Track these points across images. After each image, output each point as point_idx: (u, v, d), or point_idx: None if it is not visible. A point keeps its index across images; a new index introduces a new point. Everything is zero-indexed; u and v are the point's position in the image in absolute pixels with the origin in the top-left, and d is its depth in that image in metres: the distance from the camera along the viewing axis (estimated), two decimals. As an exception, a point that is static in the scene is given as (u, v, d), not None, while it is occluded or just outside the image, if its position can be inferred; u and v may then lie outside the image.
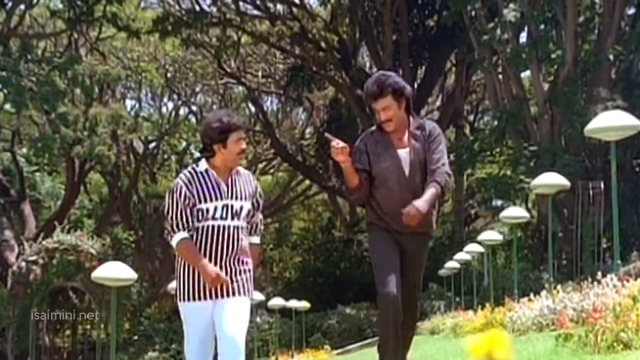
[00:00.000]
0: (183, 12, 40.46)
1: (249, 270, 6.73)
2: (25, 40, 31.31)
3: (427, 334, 26.00)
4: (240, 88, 47.19)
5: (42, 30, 35.68)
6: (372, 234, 7.35)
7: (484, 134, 40.83)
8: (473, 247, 30.96)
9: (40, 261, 30.04)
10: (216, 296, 6.54)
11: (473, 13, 33.80)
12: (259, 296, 33.39)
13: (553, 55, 31.87)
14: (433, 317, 29.11)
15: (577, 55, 31.50)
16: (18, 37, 31.11)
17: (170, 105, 49.27)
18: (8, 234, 33.92)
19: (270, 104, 51.64)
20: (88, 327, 34.25)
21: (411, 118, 7.13)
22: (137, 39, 38.19)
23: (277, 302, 36.13)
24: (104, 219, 46.70)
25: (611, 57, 31.12)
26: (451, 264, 32.94)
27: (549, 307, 15.07)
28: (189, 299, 6.57)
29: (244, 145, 6.67)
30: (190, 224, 6.57)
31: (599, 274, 13.42)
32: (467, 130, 46.15)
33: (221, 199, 6.57)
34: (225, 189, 6.57)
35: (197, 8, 41.02)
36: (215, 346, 6.68)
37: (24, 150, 40.12)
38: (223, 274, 6.50)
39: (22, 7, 31.93)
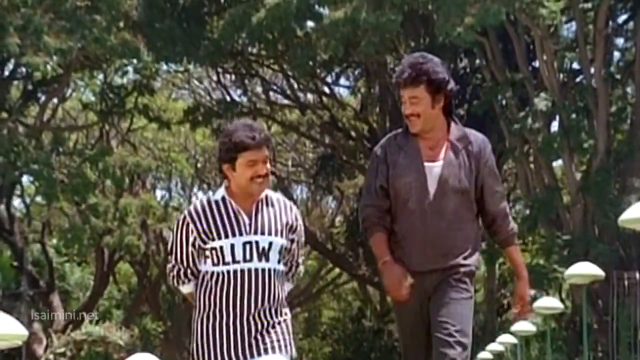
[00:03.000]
0: (214, 102, 41.42)
1: (286, 323, 5.23)
2: (57, 133, 32.02)
3: None
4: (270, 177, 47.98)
5: (74, 123, 36.53)
6: None
7: (516, 222, 41.03)
8: (506, 338, 31.19)
9: (68, 353, 30.26)
10: (253, 354, 5.06)
11: (504, 102, 34.38)
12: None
13: (585, 145, 32.33)
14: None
15: (609, 144, 32.01)
16: (50, 130, 31.83)
17: (200, 194, 50.01)
18: (36, 326, 34.19)
19: (300, 192, 52.33)
20: (116, 421, 34.34)
21: (452, 124, 5.61)
22: (168, 130, 38.97)
23: (307, 394, 36.19)
24: (133, 309, 47.10)
25: (644, 146, 31.52)
26: (483, 355, 32.99)
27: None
28: (214, 358, 5.12)
29: (261, 170, 5.09)
30: (196, 269, 5.24)
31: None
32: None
33: (240, 234, 5.09)
34: (247, 221, 5.11)
35: (228, 98, 41.95)
36: None
37: (54, 241, 40.71)
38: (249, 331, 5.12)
39: (55, 100, 32.70)
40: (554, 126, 34.84)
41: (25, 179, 31.29)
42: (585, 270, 22.05)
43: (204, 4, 35.77)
